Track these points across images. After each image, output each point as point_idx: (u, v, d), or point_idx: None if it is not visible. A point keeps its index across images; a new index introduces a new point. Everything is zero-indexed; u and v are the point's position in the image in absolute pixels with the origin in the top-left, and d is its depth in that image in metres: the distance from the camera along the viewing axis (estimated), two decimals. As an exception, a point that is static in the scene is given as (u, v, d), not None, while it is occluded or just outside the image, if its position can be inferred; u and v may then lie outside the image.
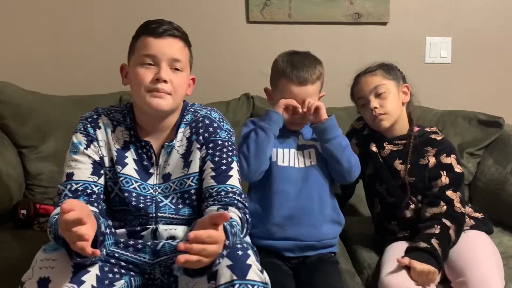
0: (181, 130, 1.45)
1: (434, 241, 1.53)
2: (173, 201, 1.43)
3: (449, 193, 1.63)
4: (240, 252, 1.21)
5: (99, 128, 1.43)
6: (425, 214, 1.62)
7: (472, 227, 1.66)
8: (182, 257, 1.06)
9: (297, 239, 1.58)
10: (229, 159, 1.43)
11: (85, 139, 1.41)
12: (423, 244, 1.53)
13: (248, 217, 1.37)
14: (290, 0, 2.37)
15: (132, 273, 1.36)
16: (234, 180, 1.41)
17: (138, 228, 1.41)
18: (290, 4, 2.37)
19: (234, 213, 1.31)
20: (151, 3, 2.36)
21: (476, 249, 1.57)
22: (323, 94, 1.67)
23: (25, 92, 2.14)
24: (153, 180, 1.44)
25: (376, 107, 1.65)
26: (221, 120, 1.48)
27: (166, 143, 1.43)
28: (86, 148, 1.40)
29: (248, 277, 1.17)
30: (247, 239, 1.45)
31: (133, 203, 1.40)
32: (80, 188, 1.36)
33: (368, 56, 2.40)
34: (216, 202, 1.37)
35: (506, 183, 1.96)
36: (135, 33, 1.42)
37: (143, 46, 1.38)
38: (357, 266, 1.69)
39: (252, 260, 1.21)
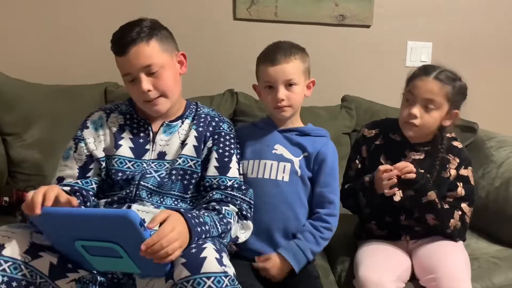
0: (187, 121, 1.55)
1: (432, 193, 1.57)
2: (162, 175, 1.48)
3: (464, 206, 1.65)
4: (194, 250, 1.18)
5: (87, 127, 1.51)
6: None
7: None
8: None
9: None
10: (231, 151, 1.52)
11: (74, 143, 1.50)
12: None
13: (244, 207, 1.46)
14: (277, -1, 2.41)
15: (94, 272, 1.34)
16: (234, 171, 1.50)
17: (115, 205, 1.44)
18: (277, 3, 2.40)
19: (231, 208, 1.43)
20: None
21: (447, 247, 1.62)
22: (312, 80, 1.64)
23: (10, 79, 2.14)
24: (148, 156, 1.50)
25: (416, 117, 1.58)
26: (221, 115, 1.62)
27: (166, 122, 1.52)
28: (74, 152, 1.49)
29: (202, 270, 1.13)
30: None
31: (124, 177, 1.45)
32: (72, 190, 1.43)
33: (351, 58, 2.49)
34: (219, 194, 1.45)
35: (476, 187, 1.99)
36: None
37: (118, 65, 1.47)
38: (331, 261, 1.73)
39: (208, 252, 1.17)
